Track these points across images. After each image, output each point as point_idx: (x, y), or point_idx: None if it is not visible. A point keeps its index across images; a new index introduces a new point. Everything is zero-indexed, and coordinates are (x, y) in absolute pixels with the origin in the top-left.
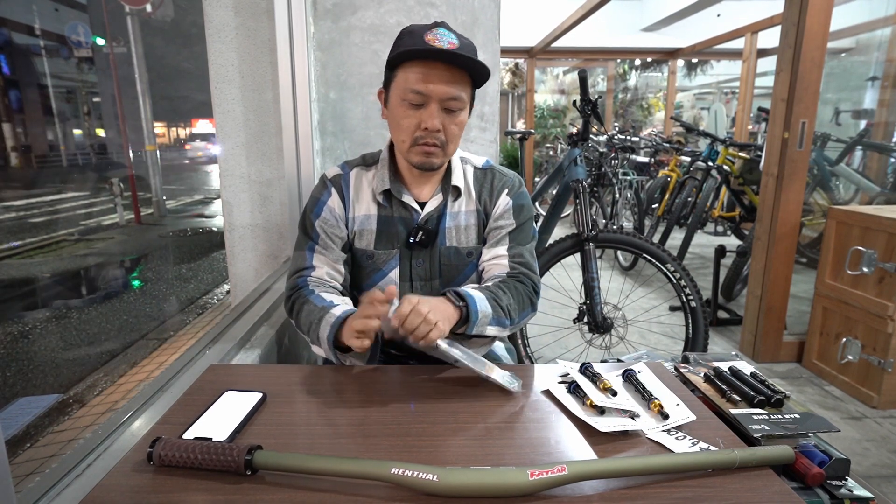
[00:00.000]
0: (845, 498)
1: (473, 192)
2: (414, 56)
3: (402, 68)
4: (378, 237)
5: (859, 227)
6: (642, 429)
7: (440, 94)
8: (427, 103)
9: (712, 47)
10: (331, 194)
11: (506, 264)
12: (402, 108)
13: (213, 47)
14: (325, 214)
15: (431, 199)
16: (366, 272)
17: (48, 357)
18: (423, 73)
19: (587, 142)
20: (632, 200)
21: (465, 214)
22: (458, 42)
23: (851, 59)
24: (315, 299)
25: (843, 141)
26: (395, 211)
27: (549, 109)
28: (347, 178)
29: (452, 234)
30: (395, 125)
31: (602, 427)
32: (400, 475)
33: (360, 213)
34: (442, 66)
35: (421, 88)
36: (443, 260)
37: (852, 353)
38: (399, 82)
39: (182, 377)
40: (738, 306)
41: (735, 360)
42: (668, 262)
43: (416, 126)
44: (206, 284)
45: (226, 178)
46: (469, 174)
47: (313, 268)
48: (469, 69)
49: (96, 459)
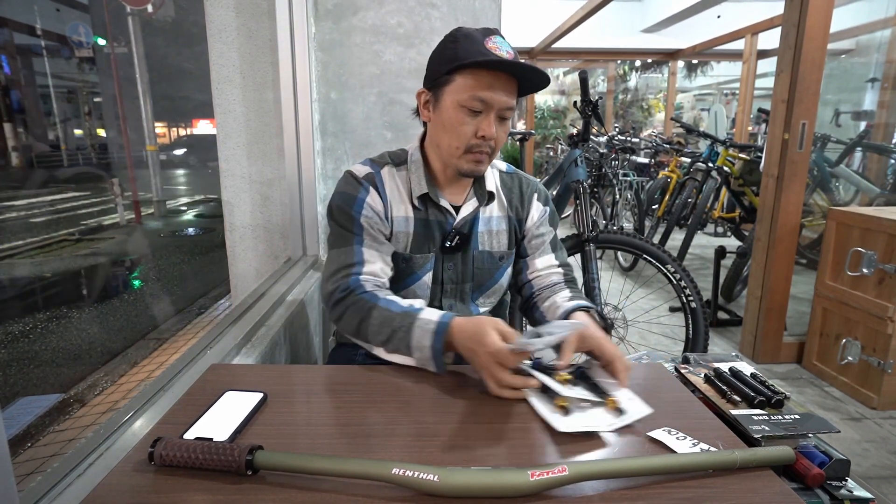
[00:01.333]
0: (845, 499)
1: (504, 198)
2: (481, 64)
3: (463, 73)
4: (415, 241)
5: (859, 229)
6: (601, 429)
7: (501, 103)
8: (487, 112)
9: (712, 48)
10: (368, 192)
11: (560, 272)
12: (460, 114)
13: (214, 48)
14: (367, 212)
15: (466, 204)
16: (400, 275)
17: (48, 357)
18: (489, 82)
19: (588, 142)
20: (632, 201)
21: (496, 219)
22: (513, 52)
23: (851, 60)
24: (386, 303)
25: (842, 142)
26: (430, 214)
27: (549, 110)
28: (381, 177)
29: (485, 239)
30: (449, 130)
31: (563, 428)
32: (400, 475)
33: (398, 214)
34: (504, 76)
35: (486, 97)
36: (476, 264)
37: (852, 355)
38: (459, 87)
39: (183, 377)
40: (738, 307)
41: (735, 360)
42: (668, 263)
43: (473, 133)
44: (206, 285)
45: (226, 178)
46: (497, 179)
47: (364, 262)
48: (528, 79)
49: (98, 459)
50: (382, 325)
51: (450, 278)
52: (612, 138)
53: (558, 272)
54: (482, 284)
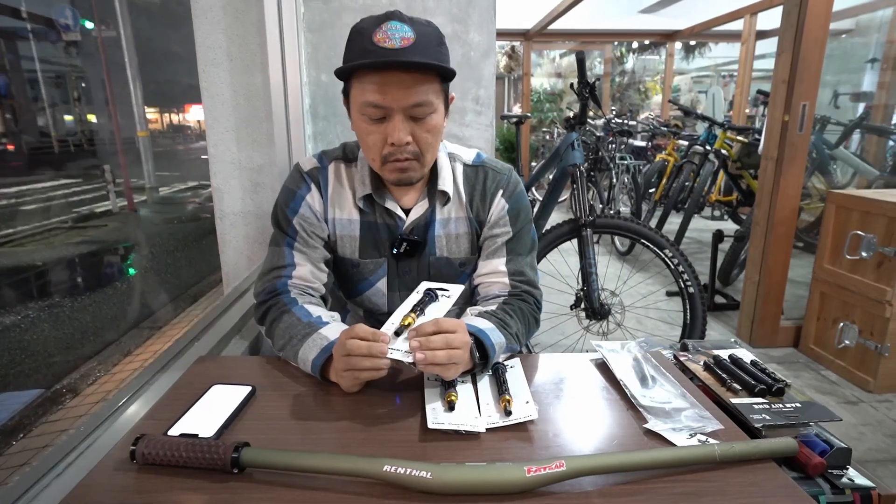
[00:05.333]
0: (846, 487)
1: (464, 197)
2: (361, 67)
3: (355, 79)
4: (362, 245)
5: (859, 212)
6: (476, 429)
7: (401, 103)
8: (390, 115)
9: (711, 29)
10: (310, 189)
11: (506, 282)
12: (364, 122)
13: (200, 28)
14: (304, 211)
15: (416, 206)
16: (352, 280)
17: (40, 347)
18: (378, 83)
19: (584, 125)
20: (629, 185)
21: (455, 222)
22: (412, 35)
23: (851, 40)
24: (299, 311)
25: (842, 124)
26: (378, 216)
27: (545, 93)
28: (326, 173)
29: (443, 244)
30: (361, 141)
31: (432, 425)
32: (392, 472)
33: (341, 216)
34: (399, 70)
35: (377, 101)
36: (433, 270)
37: (849, 338)
38: (355, 94)
39: (169, 370)
40: (735, 291)
41: (734, 347)
42: (666, 248)
43: (383, 142)
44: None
45: (216, 164)
46: (459, 174)
47: (293, 266)
48: (431, 69)
49: (78, 457)
50: (285, 331)
51: (406, 285)
52: (609, 121)
53: (503, 282)
54: None
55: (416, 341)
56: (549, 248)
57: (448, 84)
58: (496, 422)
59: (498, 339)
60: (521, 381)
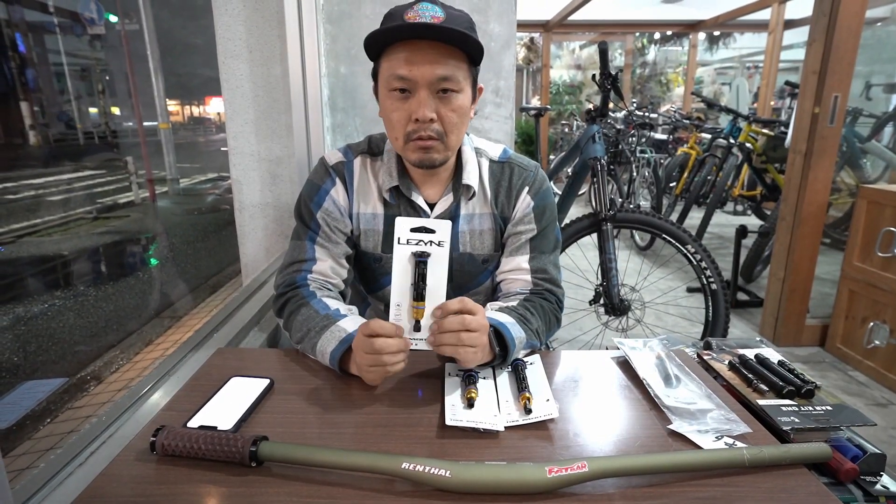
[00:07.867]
0: (880, 495)
1: (489, 192)
2: (392, 37)
3: (384, 56)
4: (386, 239)
5: (892, 207)
6: (498, 427)
7: (428, 76)
8: (415, 90)
9: (736, 19)
10: (334, 183)
11: (528, 280)
12: (390, 100)
13: (220, 20)
14: (328, 205)
15: (441, 200)
16: (374, 275)
17: (66, 335)
18: (407, 56)
19: (606, 118)
20: (649, 179)
21: (479, 217)
22: (443, 15)
23: (886, 29)
24: (317, 304)
25: (874, 116)
26: (402, 210)
27: (564, 85)
28: (351, 168)
29: (467, 239)
30: (387, 121)
31: (450, 422)
32: (411, 470)
33: (365, 210)
34: (426, 44)
35: (404, 72)
36: (455, 266)
37: (879, 338)
38: (383, 72)
39: (188, 361)
40: (758, 288)
41: (760, 346)
42: (688, 243)
43: (407, 118)
44: (219, 262)
45: (235, 156)
46: (484, 169)
47: (315, 261)
48: (458, 43)
49: (100, 447)
50: (303, 323)
51: None
52: (630, 114)
53: (525, 279)
54: (463, 286)
55: (436, 324)
56: (568, 243)
57: (477, 70)
58: (516, 420)
59: (518, 333)
60: (542, 378)
